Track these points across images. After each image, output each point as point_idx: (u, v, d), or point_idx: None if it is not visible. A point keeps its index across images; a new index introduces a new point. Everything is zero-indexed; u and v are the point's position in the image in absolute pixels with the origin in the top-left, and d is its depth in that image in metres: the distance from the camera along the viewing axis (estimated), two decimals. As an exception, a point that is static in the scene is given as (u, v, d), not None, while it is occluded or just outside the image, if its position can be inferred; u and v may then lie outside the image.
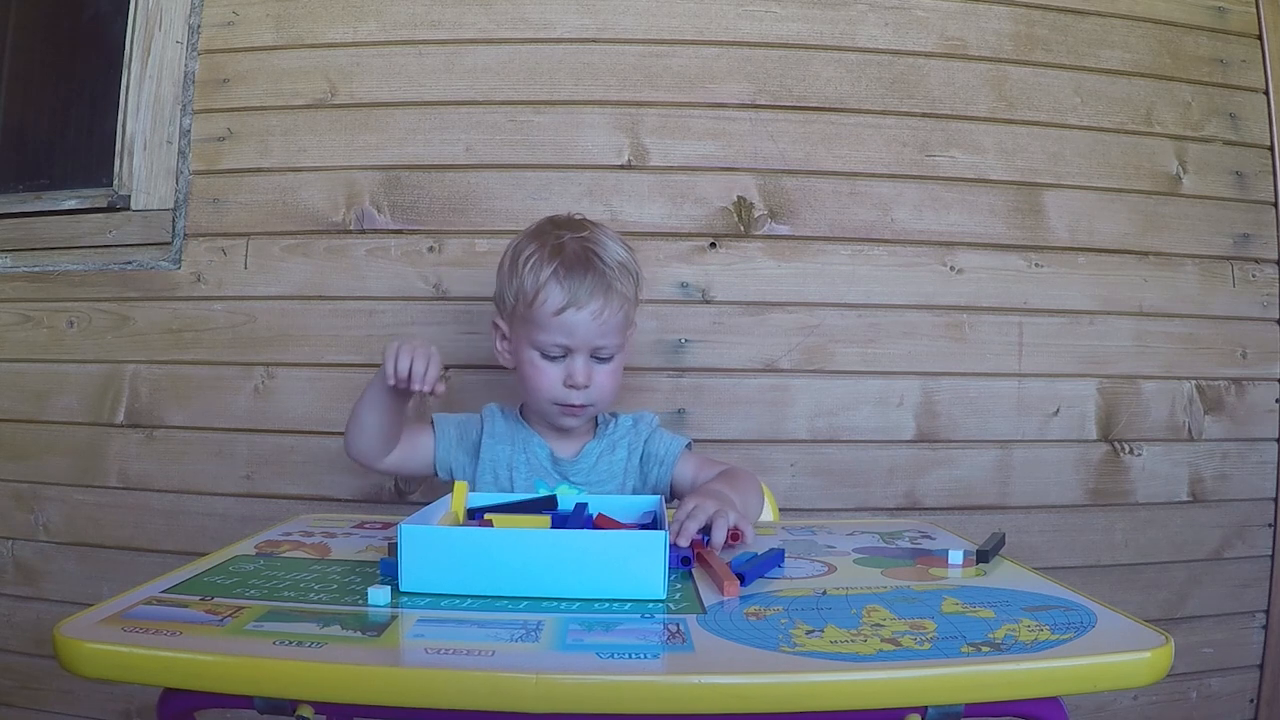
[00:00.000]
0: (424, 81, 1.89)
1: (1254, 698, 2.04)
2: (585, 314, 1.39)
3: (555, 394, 1.42)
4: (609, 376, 1.45)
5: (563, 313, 1.39)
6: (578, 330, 1.39)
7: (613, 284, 1.41)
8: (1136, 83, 1.99)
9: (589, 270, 1.40)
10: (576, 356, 1.41)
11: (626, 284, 1.43)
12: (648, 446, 1.51)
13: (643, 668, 0.76)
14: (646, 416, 1.55)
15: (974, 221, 1.93)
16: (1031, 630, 0.84)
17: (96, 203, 1.98)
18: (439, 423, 1.51)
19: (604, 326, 1.40)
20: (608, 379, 1.44)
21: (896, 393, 1.91)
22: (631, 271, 1.46)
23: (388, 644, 0.80)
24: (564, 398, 1.42)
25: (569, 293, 1.39)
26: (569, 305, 1.38)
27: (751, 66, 1.90)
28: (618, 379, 1.47)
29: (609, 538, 0.95)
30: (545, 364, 1.42)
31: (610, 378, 1.45)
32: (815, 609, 0.91)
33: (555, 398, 1.43)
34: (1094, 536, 1.96)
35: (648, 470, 1.50)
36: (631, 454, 1.50)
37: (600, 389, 1.44)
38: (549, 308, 1.39)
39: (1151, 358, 1.98)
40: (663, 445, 1.50)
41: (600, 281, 1.40)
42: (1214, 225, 2.01)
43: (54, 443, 1.95)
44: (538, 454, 1.48)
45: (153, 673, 0.77)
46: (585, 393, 1.42)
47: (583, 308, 1.38)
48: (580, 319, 1.39)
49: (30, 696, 1.95)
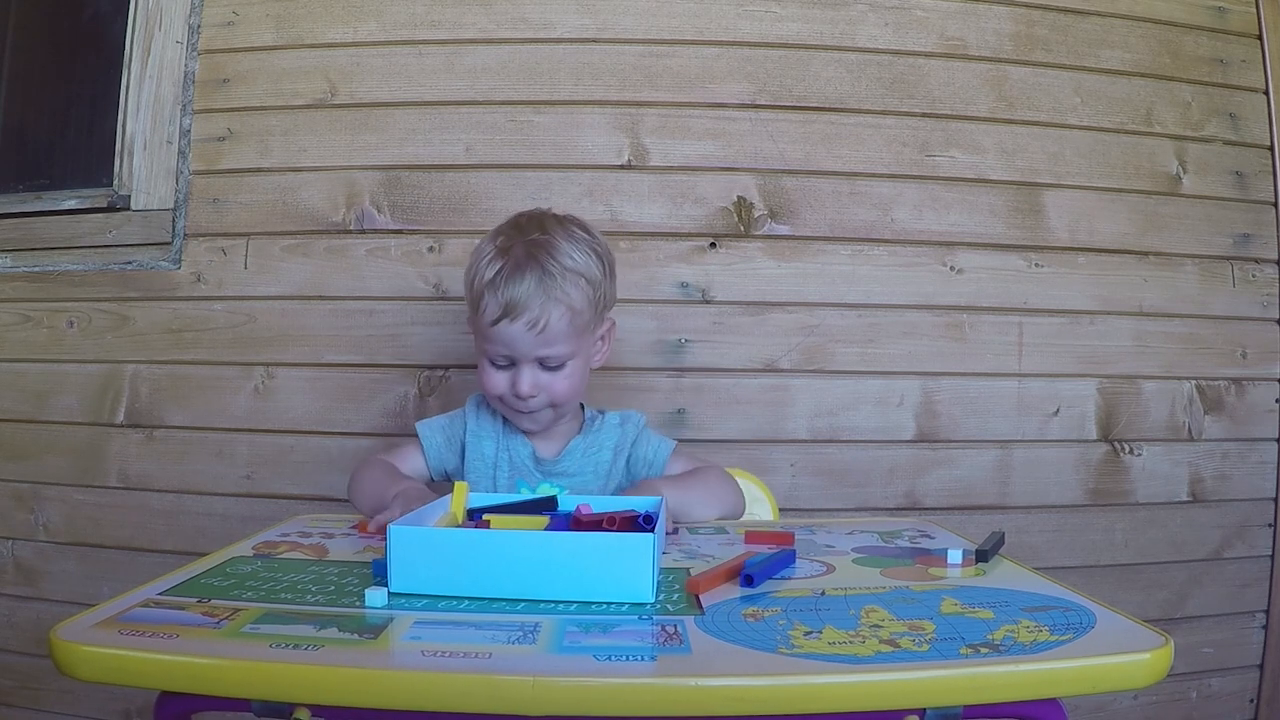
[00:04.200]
0: (424, 81, 1.89)
1: (1254, 698, 2.04)
2: (519, 326, 1.34)
3: (505, 398, 1.41)
4: (563, 381, 1.40)
5: (498, 324, 1.34)
6: (515, 342, 1.35)
7: (552, 292, 1.34)
8: (1136, 83, 1.99)
9: (526, 278, 1.34)
10: (522, 367, 1.37)
11: (574, 291, 1.36)
12: (635, 449, 1.50)
13: (640, 670, 0.76)
14: (634, 416, 1.53)
15: (974, 221, 1.93)
16: (1031, 631, 0.84)
17: (96, 203, 1.98)
18: (423, 432, 1.49)
19: (542, 338, 1.35)
20: (561, 383, 1.40)
21: (896, 393, 1.91)
22: (587, 275, 1.38)
23: (384, 647, 0.80)
24: (512, 403, 1.40)
25: (503, 304, 1.34)
26: (503, 316, 1.34)
27: (751, 66, 1.90)
28: (575, 381, 1.42)
29: (597, 540, 0.94)
30: (493, 370, 1.40)
31: (565, 381, 1.40)
32: (814, 610, 0.91)
33: (506, 401, 1.41)
34: (1094, 536, 1.96)
35: (636, 472, 1.49)
36: (618, 455, 1.49)
37: (553, 393, 1.40)
38: (487, 318, 1.36)
39: (1151, 358, 1.98)
40: (651, 448, 1.49)
41: (538, 290, 1.34)
42: (1214, 225, 2.01)
43: (54, 443, 1.95)
44: (520, 453, 1.47)
45: (149, 676, 0.77)
46: (535, 402, 1.39)
47: (516, 319, 1.33)
48: (515, 331, 1.34)
49: (30, 696, 1.95)
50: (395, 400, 1.88)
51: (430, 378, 1.88)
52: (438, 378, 1.88)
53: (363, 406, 1.89)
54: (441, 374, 1.88)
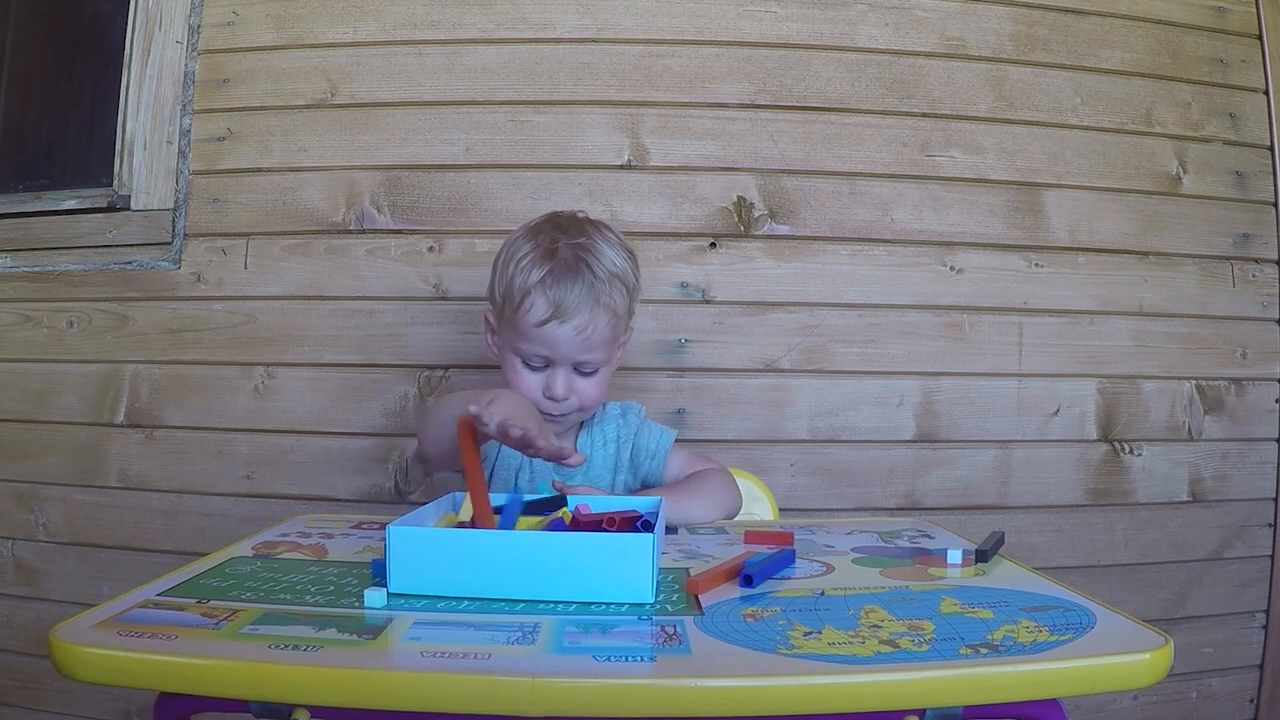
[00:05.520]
0: (424, 81, 1.89)
1: (1254, 698, 2.04)
2: (568, 329, 1.33)
3: (537, 401, 1.37)
4: (594, 386, 1.40)
5: (545, 325, 1.33)
6: (559, 345, 1.35)
7: (601, 298, 1.34)
8: (1136, 83, 1.99)
9: (577, 281, 1.34)
10: (558, 369, 1.37)
11: (618, 297, 1.37)
12: (638, 440, 1.50)
13: (640, 671, 0.76)
14: (634, 407, 1.53)
15: (974, 221, 1.93)
16: (1030, 631, 0.84)
17: (96, 203, 1.98)
18: None
19: (588, 343, 1.35)
20: (593, 389, 1.40)
21: (896, 393, 1.91)
22: (627, 282, 1.40)
23: (384, 647, 0.80)
24: (542, 405, 1.37)
25: (553, 305, 1.33)
26: (552, 318, 1.33)
27: (751, 66, 1.90)
28: (604, 387, 1.42)
29: (597, 540, 0.94)
30: (525, 371, 1.38)
31: (596, 388, 1.40)
32: (813, 610, 0.91)
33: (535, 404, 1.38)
34: (1094, 536, 1.96)
35: (638, 463, 1.49)
36: (622, 447, 1.50)
37: (583, 398, 1.40)
38: (532, 318, 1.34)
39: (1151, 358, 1.98)
40: (653, 439, 1.50)
41: (589, 296, 1.34)
42: (1214, 225, 2.01)
43: (54, 443, 1.95)
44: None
45: (148, 677, 0.77)
46: (566, 405, 1.39)
47: (566, 322, 1.33)
48: (563, 334, 1.34)
49: (30, 696, 1.95)
50: (395, 400, 1.88)
51: (430, 378, 1.88)
52: (438, 378, 1.88)
53: (363, 406, 1.89)
54: (441, 374, 1.88)
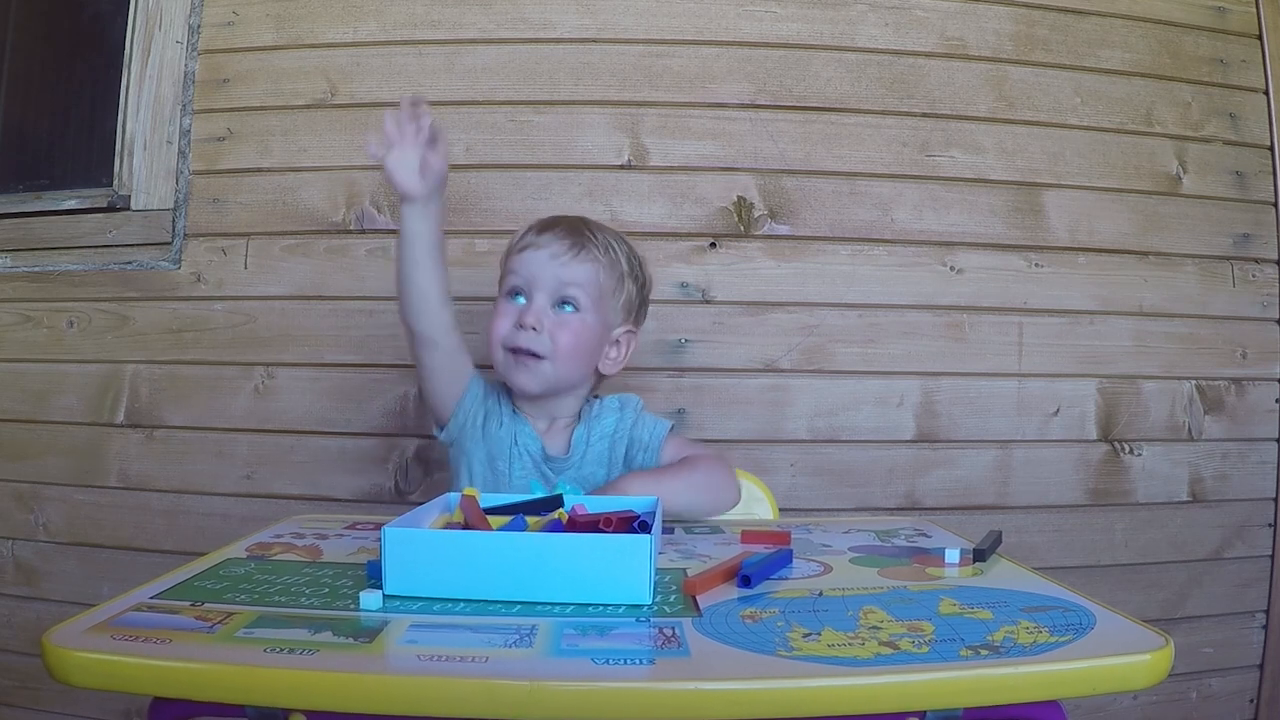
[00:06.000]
0: (424, 81, 1.89)
1: (1254, 698, 2.04)
2: (543, 253, 1.41)
3: (505, 336, 1.40)
4: (567, 333, 1.40)
5: (524, 250, 1.42)
6: (532, 265, 1.41)
7: (586, 244, 1.43)
8: (1136, 83, 1.99)
9: (565, 224, 1.45)
10: (534, 298, 1.41)
11: (606, 255, 1.44)
12: (634, 432, 1.49)
13: (638, 673, 0.75)
14: (632, 400, 1.53)
15: (974, 221, 1.93)
16: (1030, 632, 0.84)
17: (96, 203, 1.98)
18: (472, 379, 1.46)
19: (563, 269, 1.40)
20: (565, 335, 1.40)
21: (896, 393, 1.91)
22: (618, 268, 1.46)
23: (379, 650, 0.79)
24: (512, 339, 1.40)
25: (536, 234, 1.44)
26: (529, 245, 1.42)
27: (751, 66, 1.90)
28: (579, 340, 1.41)
29: (593, 541, 0.94)
30: (506, 301, 1.44)
31: (568, 334, 1.40)
32: (812, 611, 0.91)
33: (505, 340, 1.40)
34: (1094, 536, 1.96)
35: (633, 456, 1.48)
36: (616, 443, 1.49)
37: (556, 340, 1.39)
38: (516, 247, 1.45)
39: (1151, 358, 1.98)
40: (647, 430, 1.49)
41: (573, 235, 1.43)
42: (1214, 225, 2.01)
43: (54, 443, 1.95)
44: (529, 446, 1.45)
45: (142, 682, 0.76)
46: (537, 340, 1.38)
47: (542, 247, 1.41)
48: (538, 257, 1.41)
49: (30, 696, 1.95)
50: (395, 400, 1.88)
51: (430, 378, 1.88)
52: (437, 378, 1.88)
53: (363, 406, 1.89)
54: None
